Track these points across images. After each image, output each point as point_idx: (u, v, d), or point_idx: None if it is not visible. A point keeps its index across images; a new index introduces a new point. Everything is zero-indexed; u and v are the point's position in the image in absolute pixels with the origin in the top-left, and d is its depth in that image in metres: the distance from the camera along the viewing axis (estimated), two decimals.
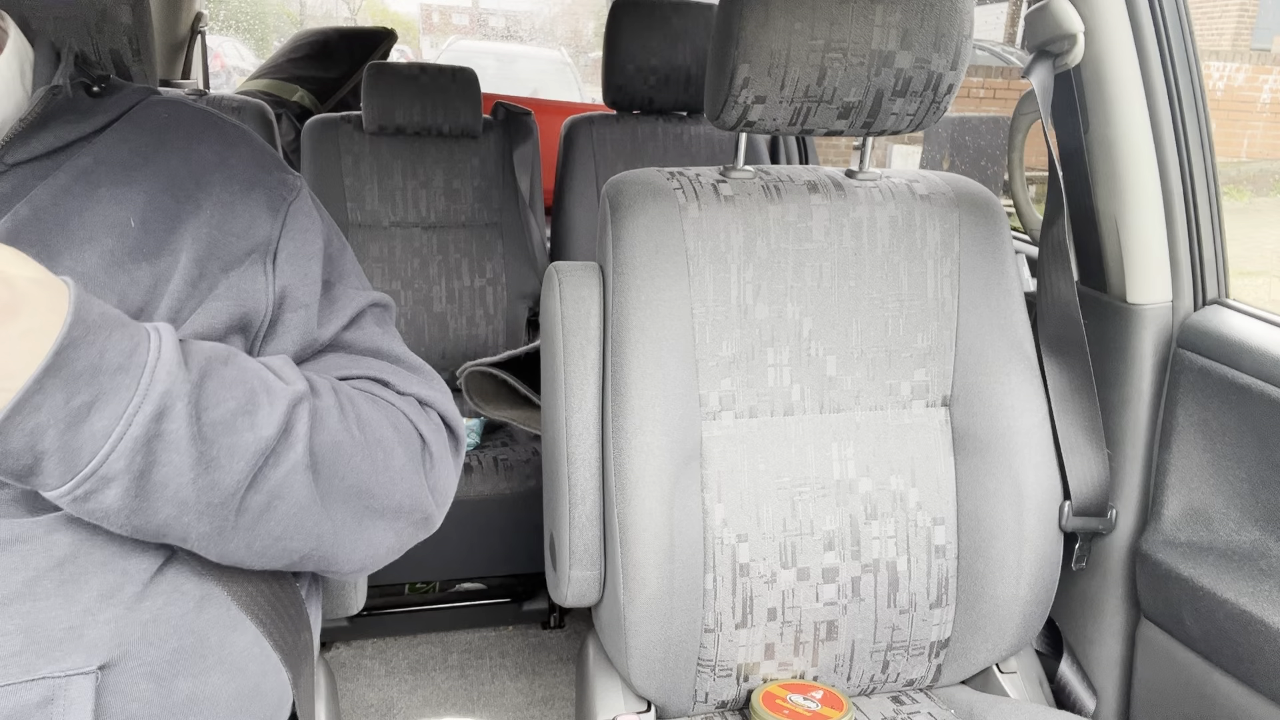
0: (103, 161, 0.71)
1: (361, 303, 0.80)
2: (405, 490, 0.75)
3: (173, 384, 0.58)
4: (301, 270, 0.75)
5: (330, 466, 0.67)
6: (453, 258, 2.19)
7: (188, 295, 0.69)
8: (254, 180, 0.75)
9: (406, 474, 0.74)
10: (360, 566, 0.74)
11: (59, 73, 0.71)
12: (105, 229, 0.68)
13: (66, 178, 0.69)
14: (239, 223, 0.72)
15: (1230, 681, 1.06)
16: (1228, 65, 7.92)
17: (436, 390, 0.82)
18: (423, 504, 0.77)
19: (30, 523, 0.62)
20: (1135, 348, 1.18)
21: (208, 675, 0.69)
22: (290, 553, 0.69)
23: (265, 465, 0.63)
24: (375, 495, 0.72)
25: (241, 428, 0.62)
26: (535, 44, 14.70)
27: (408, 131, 2.14)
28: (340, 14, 14.55)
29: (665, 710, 1.10)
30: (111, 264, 0.67)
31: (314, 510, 0.67)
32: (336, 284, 0.79)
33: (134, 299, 0.67)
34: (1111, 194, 1.17)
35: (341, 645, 1.97)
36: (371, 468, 0.71)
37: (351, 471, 0.69)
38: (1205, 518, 1.13)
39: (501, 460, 1.84)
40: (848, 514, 1.10)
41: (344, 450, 0.68)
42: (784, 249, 1.08)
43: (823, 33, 0.99)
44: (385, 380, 0.78)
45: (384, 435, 0.73)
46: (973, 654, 1.14)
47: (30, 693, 0.62)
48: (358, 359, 0.78)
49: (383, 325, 0.82)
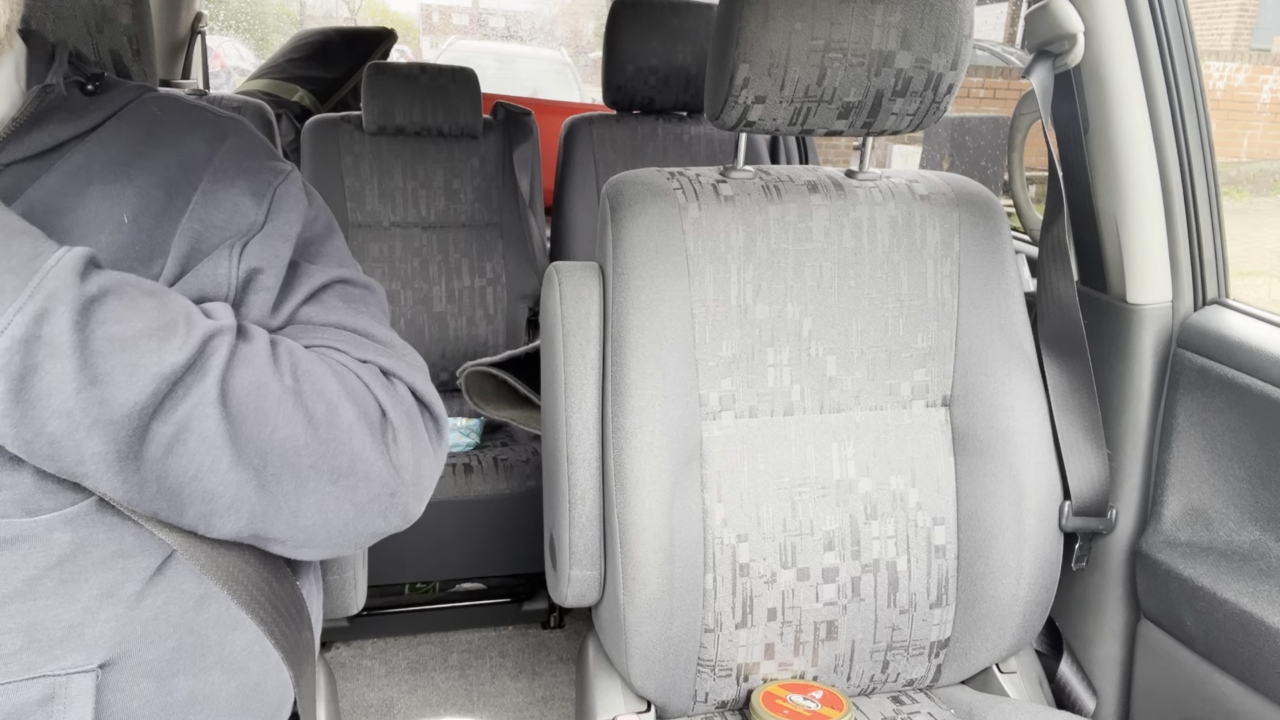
0: (95, 159, 0.70)
1: (324, 278, 0.75)
2: (354, 453, 0.68)
3: (60, 289, 0.57)
4: (271, 251, 0.72)
5: (250, 408, 0.63)
6: (453, 258, 2.19)
7: None
8: (241, 169, 0.74)
9: (356, 436, 0.68)
10: (311, 539, 0.69)
11: (52, 71, 0.70)
12: (98, 226, 0.67)
13: (60, 177, 0.68)
14: (222, 213, 0.71)
15: (1230, 681, 1.06)
16: (1228, 65, 7.92)
17: (408, 365, 0.76)
18: (379, 474, 0.70)
19: (30, 522, 0.62)
20: (1135, 348, 1.18)
21: (208, 674, 0.69)
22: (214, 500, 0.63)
23: (172, 393, 0.60)
24: (314, 452, 0.66)
25: (145, 349, 0.59)
26: (535, 44, 14.70)
27: (408, 131, 2.14)
28: (340, 14, 14.56)
29: (665, 710, 1.10)
30: (107, 261, 0.66)
31: (228, 451, 0.62)
32: (301, 263, 0.75)
33: None
34: (1111, 194, 1.17)
35: (341, 645, 1.97)
36: (307, 421, 0.65)
37: (281, 420, 0.64)
38: (1205, 518, 1.13)
39: (501, 460, 1.84)
40: (848, 514, 1.10)
41: (269, 394, 0.64)
42: (784, 249, 1.08)
43: (823, 33, 0.99)
44: (344, 350, 0.73)
45: (326, 389, 0.67)
46: (973, 654, 1.14)
47: (31, 691, 0.62)
48: (316, 330, 0.73)
49: (350, 302, 0.77)
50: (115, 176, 0.69)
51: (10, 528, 0.62)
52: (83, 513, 0.63)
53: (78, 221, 0.67)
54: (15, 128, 0.67)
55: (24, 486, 0.61)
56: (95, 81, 0.73)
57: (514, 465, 1.84)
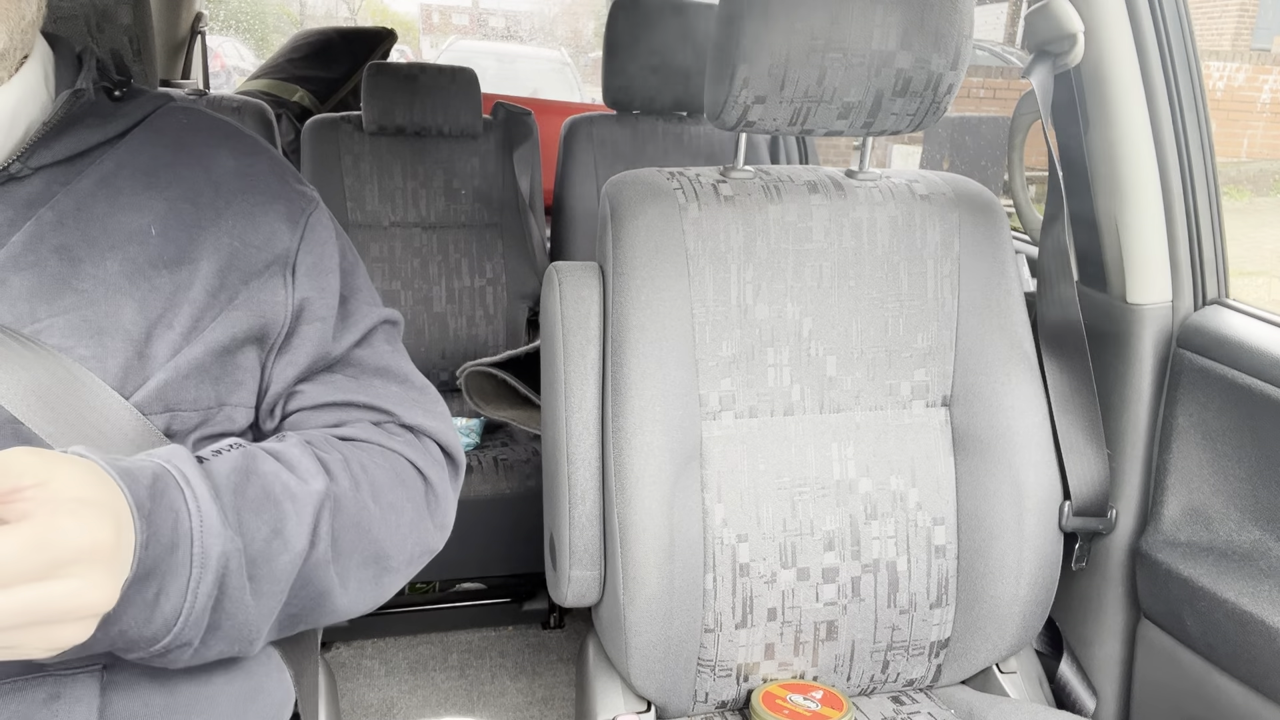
0: (125, 166, 0.70)
1: (375, 319, 0.80)
2: (415, 541, 0.76)
3: (223, 545, 0.59)
4: (320, 284, 0.76)
5: (349, 546, 0.69)
6: (453, 258, 2.19)
7: (207, 305, 0.69)
8: (275, 192, 0.75)
9: (415, 525, 0.76)
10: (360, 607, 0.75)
11: (82, 76, 0.71)
12: (126, 236, 0.68)
13: (90, 183, 0.69)
14: (260, 234, 0.73)
15: (1230, 681, 1.06)
16: (1228, 65, 7.91)
17: (437, 417, 0.82)
18: (430, 544, 0.79)
19: None
20: (1135, 348, 1.18)
21: (210, 675, 0.69)
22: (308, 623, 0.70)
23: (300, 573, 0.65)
24: (390, 556, 0.73)
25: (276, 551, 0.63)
26: (535, 44, 14.69)
27: (408, 132, 2.14)
28: (340, 14, 14.55)
29: (665, 710, 1.10)
30: (133, 271, 0.67)
31: (334, 589, 0.68)
32: (351, 298, 0.79)
33: (154, 306, 0.67)
34: (1111, 194, 1.17)
35: (341, 645, 1.97)
36: (385, 532, 0.72)
37: (368, 543, 0.70)
38: (1205, 518, 1.13)
39: (501, 460, 1.84)
40: (848, 514, 1.10)
41: (361, 526, 0.70)
42: (784, 249, 1.08)
43: (823, 33, 0.99)
44: (388, 410, 0.78)
45: (395, 498, 0.73)
46: (973, 654, 1.14)
47: (36, 689, 0.62)
48: (365, 382, 0.78)
49: (392, 343, 0.83)
50: (144, 186, 0.70)
51: None
52: None
53: (106, 230, 0.68)
54: (45, 131, 0.67)
55: None
56: (123, 88, 0.74)
57: (514, 465, 1.84)
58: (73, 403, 0.63)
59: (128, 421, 0.65)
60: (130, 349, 0.66)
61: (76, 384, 0.63)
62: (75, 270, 0.66)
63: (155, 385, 0.66)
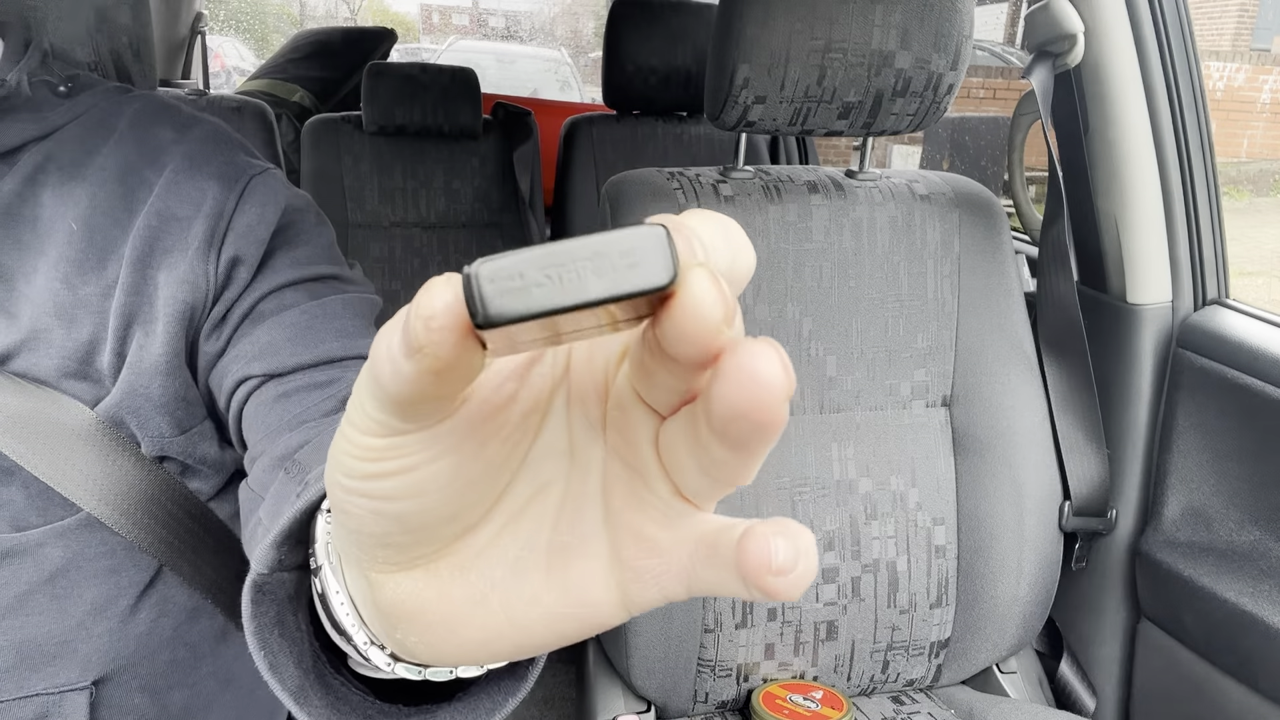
0: (51, 159, 0.62)
1: (330, 273, 0.67)
2: None
3: None
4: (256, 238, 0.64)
5: None
6: (453, 258, 2.19)
7: (134, 308, 0.60)
8: (210, 157, 0.65)
9: None
10: None
11: (17, 69, 0.63)
12: (49, 238, 0.60)
13: (16, 181, 0.61)
14: (186, 205, 0.62)
15: (1230, 681, 1.06)
16: (1228, 65, 7.91)
17: None
18: None
19: (21, 537, 0.60)
20: (1135, 348, 1.18)
21: (202, 685, 0.68)
22: None
23: None
24: None
25: None
26: (535, 44, 14.70)
27: (408, 131, 2.14)
28: (340, 14, 14.57)
29: (665, 710, 1.10)
30: (60, 284, 0.60)
31: None
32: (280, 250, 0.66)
33: (82, 331, 0.60)
34: (1111, 194, 1.17)
35: None
36: None
37: None
38: (1205, 518, 1.13)
39: None
40: (848, 514, 1.10)
41: None
42: (784, 249, 1.08)
43: (823, 33, 0.99)
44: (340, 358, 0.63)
45: None
46: (973, 654, 1.14)
47: (24, 709, 0.61)
48: None
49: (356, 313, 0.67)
50: (68, 177, 0.62)
51: (1, 544, 0.60)
52: (74, 527, 0.61)
53: (37, 233, 0.61)
54: None
55: (14, 503, 0.60)
56: (68, 82, 0.66)
57: None
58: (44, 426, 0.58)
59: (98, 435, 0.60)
60: (73, 382, 0.60)
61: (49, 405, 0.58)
62: (10, 293, 0.60)
63: (109, 410, 0.60)
